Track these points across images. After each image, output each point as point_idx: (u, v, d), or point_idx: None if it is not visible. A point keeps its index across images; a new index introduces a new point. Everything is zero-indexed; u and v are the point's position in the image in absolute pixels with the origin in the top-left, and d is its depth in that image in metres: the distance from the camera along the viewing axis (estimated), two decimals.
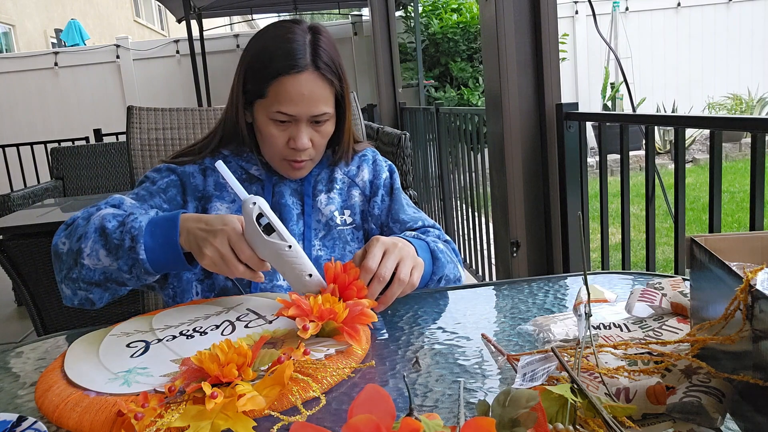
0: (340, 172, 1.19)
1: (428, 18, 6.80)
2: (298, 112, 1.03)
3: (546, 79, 2.05)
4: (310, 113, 1.03)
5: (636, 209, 3.48)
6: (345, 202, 1.17)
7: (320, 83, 1.03)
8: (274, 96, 1.02)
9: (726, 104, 7.57)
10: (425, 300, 0.95)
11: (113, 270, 0.91)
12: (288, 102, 1.02)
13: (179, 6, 6.17)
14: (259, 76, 1.04)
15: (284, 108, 1.02)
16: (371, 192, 1.19)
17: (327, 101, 1.05)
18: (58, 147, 4.05)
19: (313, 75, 1.02)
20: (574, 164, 2.01)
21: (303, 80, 1.01)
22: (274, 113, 1.03)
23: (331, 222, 1.13)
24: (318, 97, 1.03)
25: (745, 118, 3.50)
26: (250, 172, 1.13)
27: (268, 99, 1.03)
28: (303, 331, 0.70)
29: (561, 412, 0.49)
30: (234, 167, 1.12)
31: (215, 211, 1.08)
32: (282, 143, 1.05)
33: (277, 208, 1.11)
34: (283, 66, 1.01)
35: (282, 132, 1.05)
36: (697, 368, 0.54)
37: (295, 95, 1.01)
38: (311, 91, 1.02)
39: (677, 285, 0.75)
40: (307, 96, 1.02)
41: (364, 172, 1.20)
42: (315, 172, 1.16)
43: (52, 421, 0.63)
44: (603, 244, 1.96)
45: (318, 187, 1.16)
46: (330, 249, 1.12)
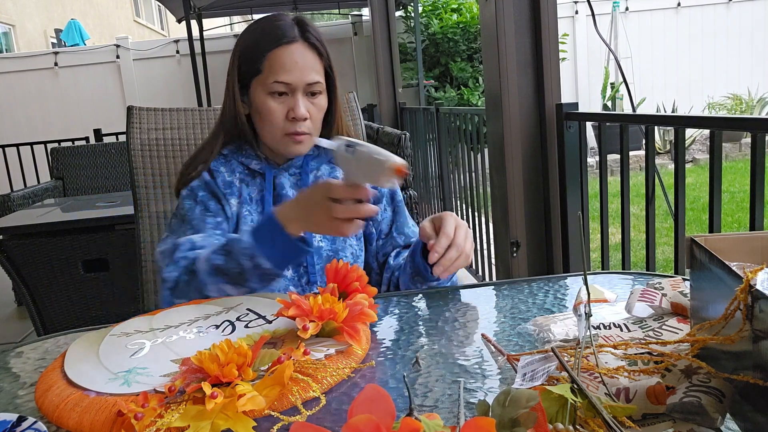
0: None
1: (428, 18, 6.80)
2: (294, 80, 1.09)
3: (546, 79, 2.04)
4: (305, 80, 1.09)
5: (636, 209, 3.48)
6: None
7: (310, 54, 1.11)
8: (269, 68, 1.09)
9: (726, 104, 7.57)
10: (425, 300, 0.95)
11: (243, 290, 0.97)
12: (283, 71, 1.08)
13: (179, 6, 6.17)
14: (252, 56, 1.11)
15: (281, 77, 1.08)
16: (374, 198, 1.20)
17: (318, 71, 1.12)
18: (58, 147, 4.05)
19: (303, 45, 1.10)
20: (574, 164, 2.01)
21: (294, 50, 1.09)
22: (272, 84, 1.09)
23: None
24: (310, 65, 1.10)
25: (745, 118, 3.50)
26: (251, 167, 1.16)
27: (263, 73, 1.09)
28: (303, 331, 0.70)
29: (561, 412, 0.49)
30: (234, 165, 1.16)
31: (232, 208, 1.13)
32: (281, 116, 1.10)
33: (280, 199, 1.14)
34: (275, 40, 1.09)
35: (281, 105, 1.10)
36: (697, 368, 0.54)
37: (289, 64, 1.09)
38: (303, 59, 1.10)
39: (677, 285, 0.75)
40: (300, 64, 1.09)
41: None
42: (314, 166, 1.19)
43: (52, 421, 0.63)
44: (603, 244, 1.96)
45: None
46: (331, 240, 1.16)
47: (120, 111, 6.97)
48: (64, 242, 2.40)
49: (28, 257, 2.39)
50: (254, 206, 1.15)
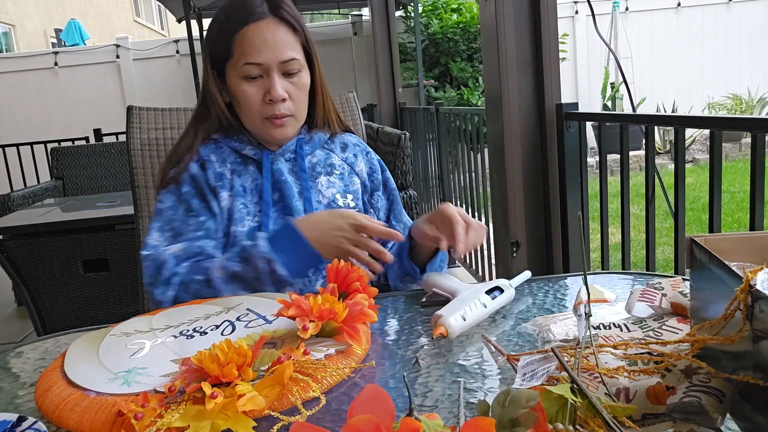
0: (338, 158, 1.18)
1: (428, 18, 6.80)
2: (266, 59, 1.02)
3: (546, 79, 2.04)
4: (278, 58, 1.03)
5: (636, 209, 3.48)
6: (347, 187, 1.16)
7: (282, 28, 1.04)
8: (240, 49, 1.03)
9: (726, 104, 7.57)
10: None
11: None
12: (254, 51, 1.02)
13: (179, 6, 6.17)
14: (223, 36, 1.05)
15: (251, 57, 1.02)
16: (372, 186, 1.20)
17: (293, 47, 1.05)
18: (58, 147, 4.05)
19: (274, 21, 1.03)
20: (574, 164, 2.01)
21: (263, 26, 1.02)
22: (244, 67, 1.03)
23: (333, 204, 1.13)
24: (283, 42, 1.03)
25: (745, 118, 3.50)
26: (244, 153, 1.11)
27: (235, 57, 1.04)
28: (303, 331, 0.70)
29: (561, 412, 0.49)
30: (226, 152, 1.11)
31: (223, 201, 1.08)
32: (258, 100, 1.05)
33: (278, 186, 1.10)
34: (243, 18, 1.02)
35: (256, 88, 1.04)
36: (697, 368, 0.54)
37: (260, 42, 1.02)
38: (274, 36, 1.03)
39: (677, 285, 0.75)
40: (271, 41, 1.02)
41: (360, 162, 1.20)
42: (308, 151, 1.14)
43: (52, 421, 0.63)
44: (603, 244, 1.96)
45: (316, 170, 1.15)
46: None
47: (120, 111, 6.97)
48: (64, 242, 2.40)
49: (28, 257, 2.40)
50: (249, 197, 1.09)
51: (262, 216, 1.07)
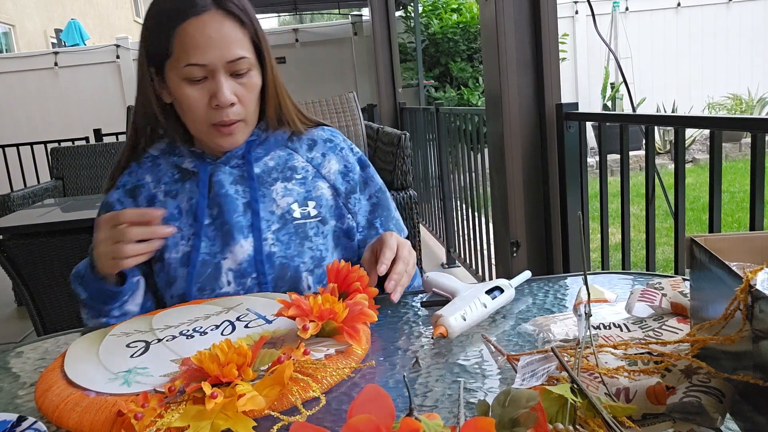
0: (302, 159, 1.05)
1: (428, 18, 6.80)
2: (211, 60, 0.90)
3: (546, 79, 2.05)
4: (224, 58, 0.91)
5: (636, 209, 3.48)
6: (309, 194, 1.03)
7: (228, 23, 0.92)
8: (180, 48, 0.90)
9: (726, 104, 7.57)
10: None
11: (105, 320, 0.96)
12: (195, 50, 0.90)
13: None
14: (160, 32, 0.92)
15: (193, 58, 0.90)
16: (348, 188, 1.07)
17: (242, 44, 0.93)
18: (58, 147, 4.05)
19: (218, 14, 0.91)
20: (574, 164, 2.01)
21: (207, 21, 0.90)
22: (185, 68, 0.91)
23: (287, 215, 1.00)
24: (229, 39, 0.91)
25: (745, 118, 3.50)
26: (183, 167, 1.01)
27: (174, 55, 0.91)
28: (303, 331, 0.70)
29: (561, 412, 0.49)
30: (164, 168, 1.03)
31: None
32: (203, 105, 0.93)
33: (217, 201, 0.99)
34: (182, 11, 0.90)
35: (200, 91, 0.92)
36: (697, 368, 0.54)
37: (202, 40, 0.89)
38: (219, 32, 0.90)
39: (677, 285, 0.75)
40: (215, 39, 0.90)
41: (331, 162, 1.06)
42: (262, 153, 1.03)
43: (52, 421, 0.63)
44: (603, 244, 1.96)
45: (273, 175, 1.03)
46: (285, 244, 0.99)
47: (120, 111, 6.97)
48: (64, 242, 2.40)
49: (28, 257, 2.39)
50: (185, 218, 0.99)
51: (194, 239, 0.98)
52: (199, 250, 0.97)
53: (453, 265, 3.92)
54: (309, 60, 7.09)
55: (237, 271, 0.98)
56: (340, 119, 1.98)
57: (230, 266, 0.98)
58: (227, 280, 0.97)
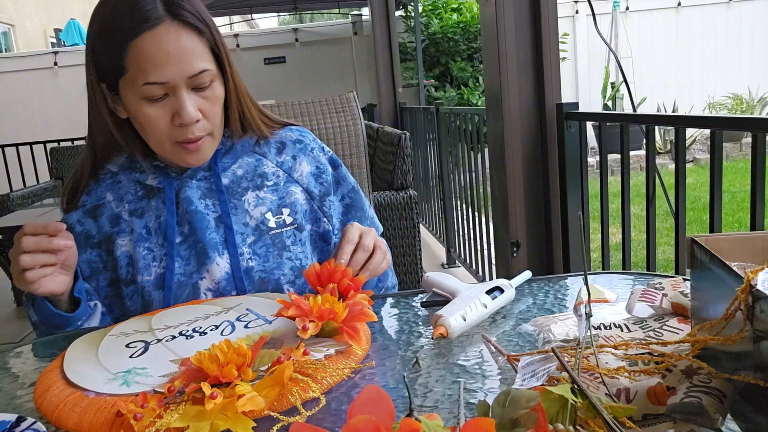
0: (271, 164, 1.01)
1: (428, 17, 6.80)
2: (170, 77, 0.84)
3: (546, 79, 2.04)
4: (185, 73, 0.85)
5: (636, 209, 3.48)
6: (283, 200, 0.99)
7: (185, 34, 0.85)
8: (135, 65, 0.83)
9: (726, 104, 7.58)
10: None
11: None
12: (153, 67, 0.83)
13: None
14: (111, 49, 0.85)
15: (151, 76, 0.83)
16: (322, 191, 1.03)
17: (201, 55, 0.86)
18: (58, 147, 4.05)
19: (173, 26, 0.84)
20: (575, 164, 2.01)
21: (162, 34, 0.83)
22: (142, 87, 0.84)
23: (262, 226, 0.96)
24: (188, 52, 0.85)
25: (746, 117, 3.50)
26: (146, 183, 0.96)
27: (129, 73, 0.84)
28: (303, 332, 0.70)
29: (561, 412, 0.49)
30: (126, 186, 0.97)
31: (120, 249, 0.95)
32: (165, 124, 0.87)
33: (187, 218, 0.93)
34: (134, 25, 0.83)
35: (161, 110, 0.86)
36: (698, 369, 0.54)
37: (159, 56, 0.83)
38: (176, 45, 0.84)
39: (678, 285, 0.74)
40: (173, 53, 0.83)
41: (302, 164, 1.02)
42: (229, 163, 0.98)
43: (51, 421, 0.63)
44: (603, 244, 1.96)
45: (242, 184, 0.98)
46: (263, 258, 0.95)
47: None
48: None
49: None
50: (155, 239, 0.94)
51: (167, 259, 0.93)
52: (173, 271, 0.92)
53: (453, 265, 3.92)
54: (309, 60, 7.09)
55: (216, 291, 0.94)
56: (340, 119, 1.98)
57: (208, 286, 0.94)
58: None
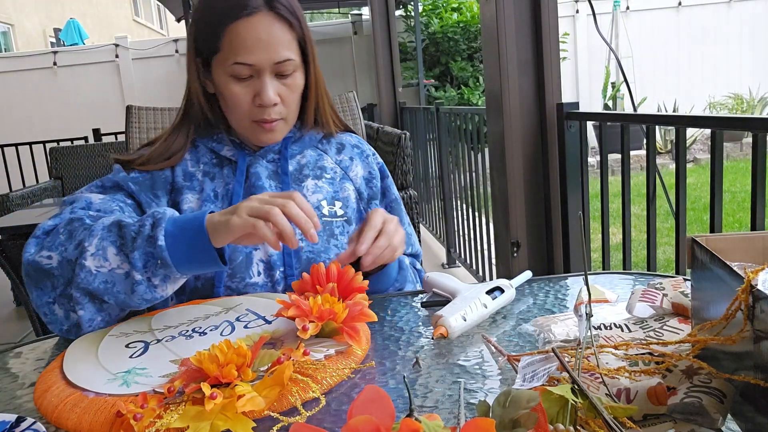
0: (331, 160, 1.10)
1: (428, 17, 6.80)
2: (258, 60, 0.93)
3: (546, 79, 2.04)
4: (272, 60, 0.94)
5: (637, 209, 3.48)
6: (337, 194, 1.07)
7: (278, 25, 0.94)
8: (229, 46, 0.93)
9: (727, 104, 7.58)
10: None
11: (120, 276, 0.80)
12: (244, 50, 0.92)
13: (179, 5, 6.17)
14: (210, 28, 0.95)
15: (242, 57, 0.93)
16: (369, 194, 1.12)
17: (289, 46, 0.95)
18: (57, 147, 4.04)
19: (269, 16, 0.93)
20: (575, 164, 2.01)
21: (257, 22, 0.93)
22: (232, 66, 0.94)
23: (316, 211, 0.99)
24: (278, 41, 0.94)
25: (747, 117, 3.50)
26: (221, 154, 1.03)
27: (223, 52, 0.94)
28: (303, 332, 0.70)
29: (561, 412, 0.49)
30: (202, 152, 1.04)
31: (186, 204, 0.99)
32: (247, 102, 0.96)
33: (252, 191, 1.00)
34: (234, 10, 0.92)
35: (245, 89, 0.96)
36: (698, 369, 0.54)
37: (252, 41, 0.92)
38: (269, 33, 0.93)
39: (678, 285, 0.74)
40: (265, 40, 0.93)
41: (357, 167, 1.12)
42: (296, 150, 1.07)
43: (51, 421, 0.63)
44: (604, 244, 1.96)
45: (304, 172, 1.06)
46: None
47: (119, 110, 6.97)
48: None
49: None
50: (219, 203, 1.00)
51: None
52: None
53: (453, 265, 3.92)
54: None
55: (267, 263, 0.99)
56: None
57: (261, 257, 0.99)
58: (258, 270, 0.98)
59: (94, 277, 0.80)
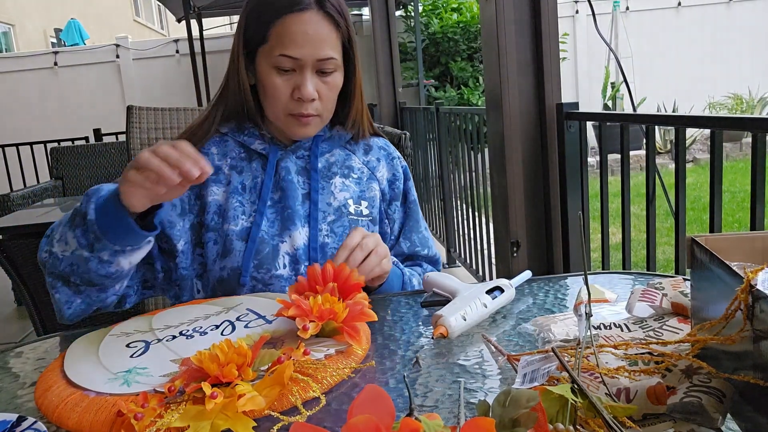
0: (358, 161, 1.12)
1: (428, 17, 6.80)
2: (303, 55, 0.96)
3: (546, 79, 2.04)
4: (316, 56, 0.97)
5: (636, 209, 3.48)
6: (363, 193, 1.09)
7: (325, 24, 0.97)
8: (277, 38, 0.96)
9: (726, 104, 7.57)
10: None
11: (78, 256, 0.83)
12: (291, 43, 0.96)
13: (179, 5, 6.17)
14: (260, 20, 0.98)
15: (288, 50, 0.96)
16: (391, 195, 1.14)
17: (333, 45, 0.99)
18: (58, 147, 4.04)
19: (318, 15, 0.97)
20: (575, 164, 2.01)
21: (307, 19, 0.96)
22: (277, 58, 0.96)
23: (343, 209, 1.06)
24: (323, 39, 0.97)
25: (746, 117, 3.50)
26: (252, 148, 1.05)
27: (269, 43, 0.97)
28: (303, 331, 0.70)
29: (561, 412, 0.49)
30: (231, 146, 1.05)
31: (212, 196, 1.01)
32: (286, 95, 0.99)
33: (280, 186, 1.03)
34: (286, 5, 0.96)
35: (286, 81, 0.98)
36: (698, 368, 0.54)
37: (299, 35, 0.96)
38: (316, 31, 0.96)
39: (678, 285, 0.74)
40: (311, 36, 0.96)
41: (383, 168, 1.14)
42: (326, 149, 1.08)
43: (51, 421, 0.63)
44: (603, 244, 1.96)
45: (333, 169, 1.08)
46: (339, 237, 1.04)
47: (120, 110, 6.97)
48: None
49: (27, 257, 2.39)
50: (248, 195, 1.02)
51: (257, 215, 1.01)
52: (260, 226, 1.00)
53: (453, 265, 3.92)
54: None
55: (293, 256, 1.01)
56: None
57: (287, 250, 1.01)
58: (283, 263, 1.00)
59: (60, 261, 0.86)
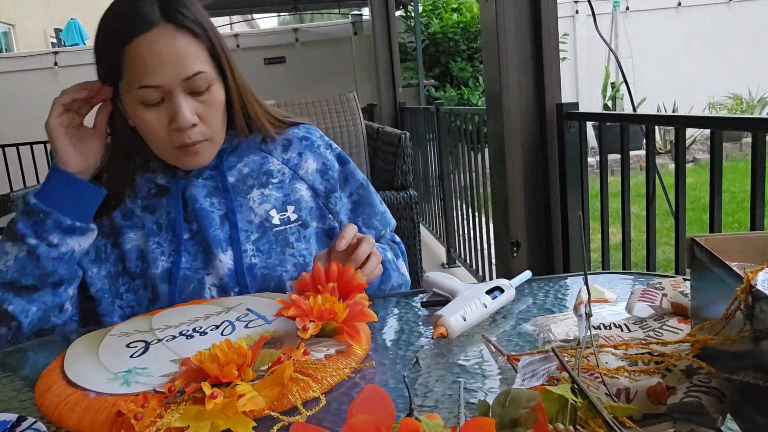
0: (277, 162, 1.01)
1: (428, 17, 6.80)
2: (165, 80, 0.83)
3: (546, 79, 2.04)
4: (180, 76, 0.84)
5: (636, 209, 3.48)
6: (288, 197, 1.00)
7: (180, 37, 0.84)
8: (131, 70, 0.84)
9: (726, 104, 7.58)
10: None
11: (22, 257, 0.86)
12: (147, 72, 0.83)
13: None
14: (109, 56, 0.86)
15: (145, 80, 0.83)
16: (327, 187, 1.03)
17: (197, 58, 0.86)
18: None
19: (167, 29, 0.84)
20: (575, 164, 2.01)
21: (155, 38, 0.83)
22: (138, 92, 0.84)
23: (266, 223, 0.97)
24: (182, 55, 0.84)
25: (746, 117, 3.50)
26: (157, 182, 0.97)
27: (126, 78, 0.85)
28: (303, 331, 0.70)
29: (561, 412, 0.49)
30: (141, 183, 0.98)
31: (129, 243, 0.95)
32: (163, 128, 0.87)
33: (194, 216, 0.94)
34: (129, 29, 0.83)
35: (158, 114, 0.86)
36: (698, 368, 0.54)
37: (153, 60, 0.83)
38: (170, 48, 0.83)
39: (678, 285, 0.74)
40: (167, 57, 0.83)
41: (308, 161, 1.03)
42: (234, 161, 0.99)
43: (51, 421, 0.63)
44: (603, 244, 1.96)
45: (248, 182, 0.99)
46: (266, 254, 0.96)
47: None
48: None
49: None
50: (164, 234, 0.95)
51: (174, 254, 0.94)
52: (179, 266, 0.94)
53: (453, 265, 3.92)
54: (309, 60, 7.09)
55: (219, 287, 0.95)
56: (340, 119, 1.98)
57: (213, 282, 0.95)
58: (211, 295, 0.95)
59: (5, 272, 0.87)
